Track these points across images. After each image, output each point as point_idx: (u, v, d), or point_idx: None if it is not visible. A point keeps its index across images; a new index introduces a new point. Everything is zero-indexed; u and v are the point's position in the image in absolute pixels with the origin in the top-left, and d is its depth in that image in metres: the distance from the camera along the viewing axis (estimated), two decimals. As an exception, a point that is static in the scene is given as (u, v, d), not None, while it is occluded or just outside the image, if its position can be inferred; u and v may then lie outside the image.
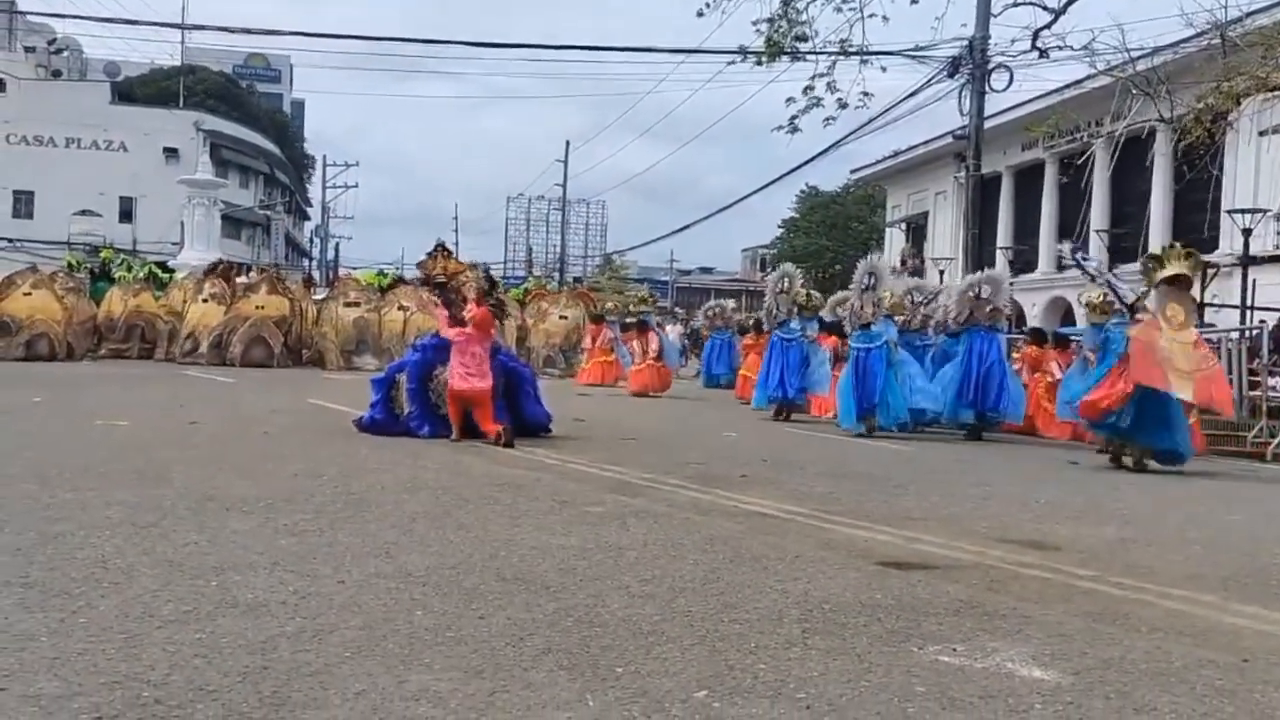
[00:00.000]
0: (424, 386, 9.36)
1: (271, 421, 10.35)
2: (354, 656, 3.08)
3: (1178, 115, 17.60)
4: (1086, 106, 26.17)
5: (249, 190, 58.35)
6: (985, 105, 21.29)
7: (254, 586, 3.84)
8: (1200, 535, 6.29)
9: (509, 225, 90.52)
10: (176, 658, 3.01)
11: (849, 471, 8.63)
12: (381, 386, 9.63)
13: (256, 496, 5.82)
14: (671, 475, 7.57)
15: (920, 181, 45.90)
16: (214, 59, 61.14)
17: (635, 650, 3.25)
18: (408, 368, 9.62)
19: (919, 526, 5.93)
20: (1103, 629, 3.79)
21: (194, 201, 35.81)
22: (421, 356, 9.60)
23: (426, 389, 9.35)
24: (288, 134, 69.36)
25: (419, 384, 9.37)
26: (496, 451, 8.62)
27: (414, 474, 7.08)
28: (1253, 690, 3.15)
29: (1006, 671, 3.20)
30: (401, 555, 4.48)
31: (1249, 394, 16.17)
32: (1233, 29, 16.24)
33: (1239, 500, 8.66)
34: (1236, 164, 26.92)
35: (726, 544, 5.09)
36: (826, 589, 4.21)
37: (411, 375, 9.44)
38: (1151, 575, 4.87)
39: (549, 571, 4.29)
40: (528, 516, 5.58)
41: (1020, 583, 4.54)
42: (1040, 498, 7.69)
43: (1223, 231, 26.36)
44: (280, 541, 4.67)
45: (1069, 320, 37.46)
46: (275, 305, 22.33)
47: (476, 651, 3.16)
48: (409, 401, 9.36)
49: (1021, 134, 32.36)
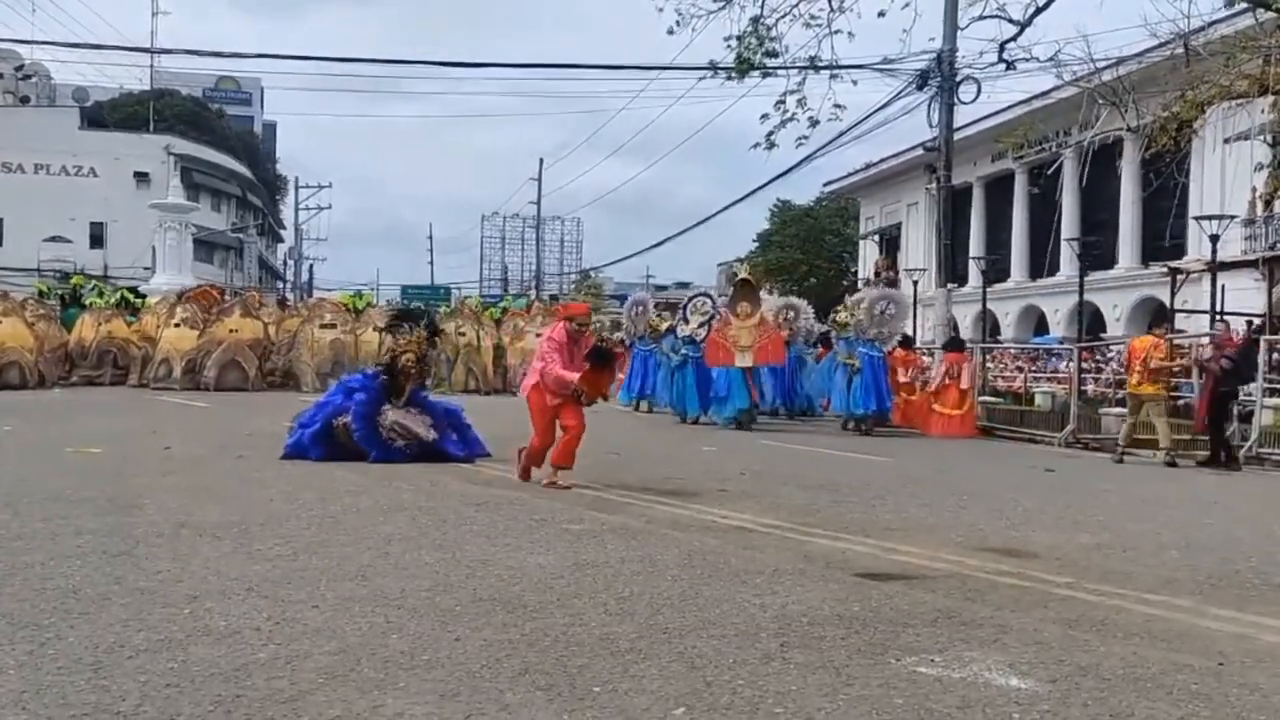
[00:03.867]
0: (374, 426, 9.18)
1: (246, 446, 10.26)
2: (328, 682, 3.04)
3: (1144, 124, 17.80)
4: (1054, 117, 26.46)
5: (221, 213, 58.06)
6: (954, 117, 21.46)
7: (227, 613, 3.79)
8: (1176, 540, 6.33)
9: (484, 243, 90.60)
10: (148, 688, 2.97)
11: (827, 483, 8.64)
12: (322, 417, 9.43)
13: (230, 522, 5.76)
14: (649, 491, 7.56)
15: (893, 193, 46.24)
16: (184, 83, 60.98)
17: (613, 669, 3.23)
18: (352, 410, 9.27)
19: (897, 537, 5.95)
20: (1079, 636, 3.80)
21: (165, 226, 35.58)
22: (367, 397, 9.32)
23: (378, 429, 9.18)
24: (259, 156, 69.09)
25: (368, 424, 9.15)
26: (473, 472, 8.58)
27: (391, 496, 7.03)
28: (1228, 693, 3.17)
29: (984, 681, 3.20)
30: (377, 578, 4.44)
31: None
32: (1195, 38, 16.46)
33: (1214, 504, 8.74)
34: (1203, 171, 27.29)
35: (705, 559, 5.08)
36: (805, 602, 4.21)
37: (357, 417, 9.19)
38: (1128, 581, 4.90)
39: (526, 591, 4.26)
40: (505, 536, 5.55)
41: (997, 591, 4.55)
42: (1017, 506, 7.73)
43: (1190, 237, 26.68)
44: (254, 567, 4.62)
45: (1043, 327, 37.80)
46: (250, 328, 22.19)
47: (452, 674, 3.13)
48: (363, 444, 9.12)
49: (991, 145, 32.66)
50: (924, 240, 40.61)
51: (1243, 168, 24.77)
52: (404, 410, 9.38)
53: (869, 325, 16.05)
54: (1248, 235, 26.95)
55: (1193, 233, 25.97)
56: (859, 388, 15.69)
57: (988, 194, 41.38)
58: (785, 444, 12.90)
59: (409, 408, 9.46)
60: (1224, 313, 23.01)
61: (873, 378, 15.66)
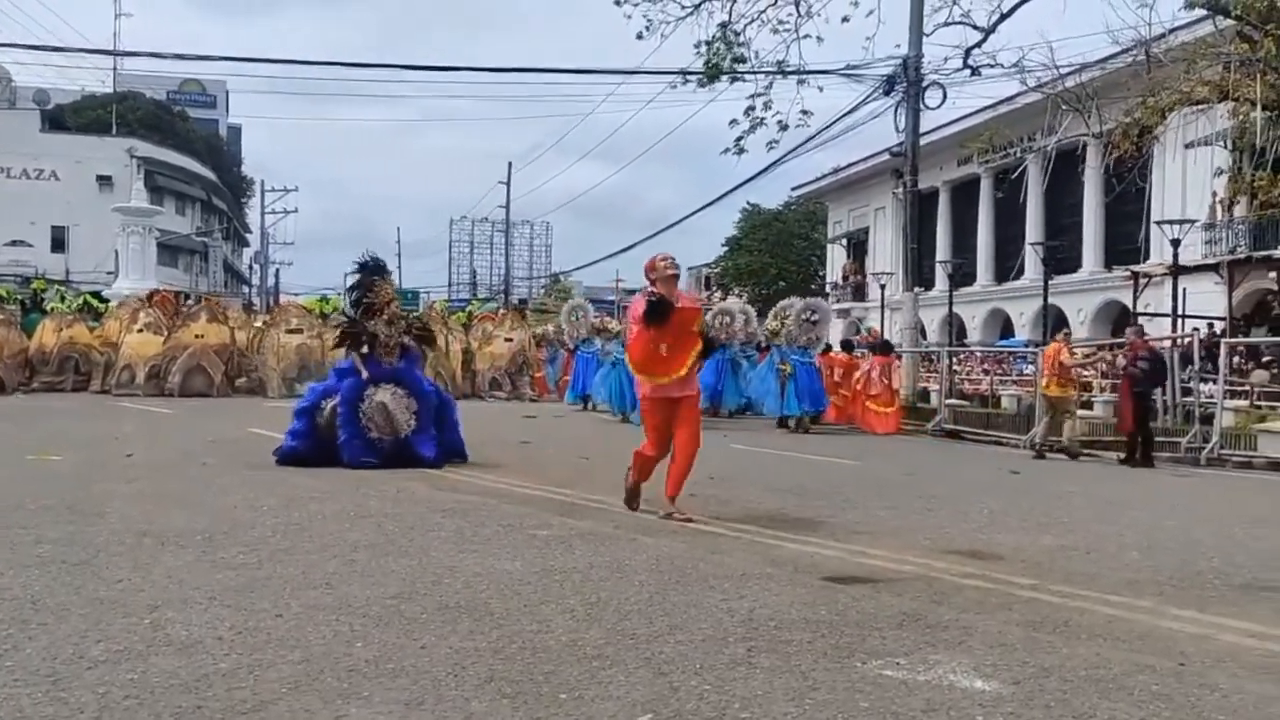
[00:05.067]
0: (355, 410, 9.07)
1: (211, 452, 10.15)
2: (291, 692, 3.01)
3: (1106, 130, 18.03)
4: (1019, 122, 26.77)
5: (186, 217, 57.50)
6: (920, 122, 21.64)
7: (189, 623, 3.74)
8: (1138, 541, 6.41)
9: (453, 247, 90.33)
10: (107, 699, 2.93)
11: (795, 487, 8.66)
12: (305, 414, 9.36)
13: (194, 530, 5.70)
14: (618, 496, 7.52)
15: (860, 197, 46.54)
16: (147, 85, 60.28)
17: (579, 675, 3.22)
18: (341, 392, 9.19)
19: (864, 540, 5.97)
20: (1043, 637, 3.83)
21: (128, 230, 35.19)
22: (354, 381, 9.29)
23: (357, 412, 9.06)
24: (224, 159, 68.49)
25: (350, 408, 9.09)
26: (440, 477, 8.53)
27: (357, 502, 6.97)
28: (1189, 693, 3.20)
29: (949, 683, 3.22)
30: (342, 586, 4.40)
31: (1182, 400, 16.57)
32: (1157, 45, 16.70)
33: (1175, 505, 8.85)
34: (1164, 176, 27.65)
35: (673, 564, 5.08)
36: (772, 606, 4.22)
37: (344, 399, 9.09)
38: (1091, 582, 4.95)
39: (493, 597, 4.24)
40: (472, 542, 5.52)
41: (963, 594, 4.58)
42: (983, 508, 7.79)
43: (1152, 242, 27.01)
44: (217, 575, 4.57)
45: (1009, 330, 38.17)
46: (215, 333, 21.98)
47: (417, 683, 3.11)
48: (341, 427, 9.06)
49: (957, 150, 32.99)
50: (891, 244, 40.92)
51: (1203, 173, 25.18)
52: (391, 390, 9.10)
53: (798, 333, 17.25)
54: (1208, 239, 27.37)
55: (1155, 237, 26.30)
56: (793, 392, 16.87)
57: (954, 198, 41.76)
58: (753, 448, 12.94)
59: (397, 388, 9.15)
60: (1185, 315, 23.37)
61: (807, 381, 16.85)
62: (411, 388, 9.30)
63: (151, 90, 61.02)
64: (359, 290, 9.65)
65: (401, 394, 9.16)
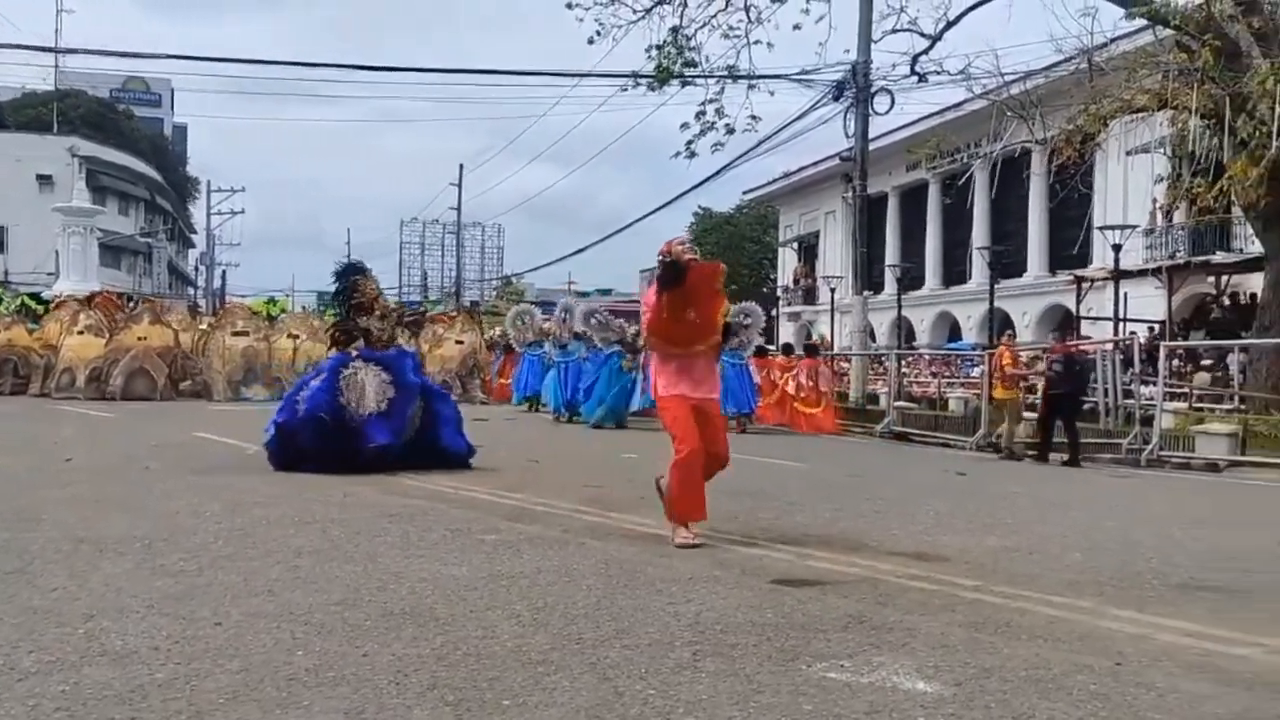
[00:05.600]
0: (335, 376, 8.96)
1: (154, 456, 9.96)
2: (228, 702, 2.95)
3: (1050, 136, 18.36)
4: (965, 129, 27.14)
5: (129, 217, 56.43)
6: (869, 128, 21.88)
7: (125, 633, 3.66)
8: (1080, 542, 6.52)
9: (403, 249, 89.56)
10: (37, 712, 2.85)
11: (745, 490, 8.68)
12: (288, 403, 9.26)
13: (133, 536, 5.58)
14: (568, 499, 7.52)
15: (811, 201, 46.88)
16: (90, 83, 58.99)
17: (524, 681, 3.19)
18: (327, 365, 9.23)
19: (812, 542, 6.01)
20: (985, 638, 3.87)
21: (69, 230, 34.52)
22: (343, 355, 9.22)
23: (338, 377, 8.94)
24: (169, 159, 67.28)
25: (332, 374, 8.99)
26: (389, 481, 8.44)
27: (302, 507, 6.88)
28: (1125, 692, 3.26)
29: (892, 685, 3.25)
30: (285, 593, 4.33)
31: (1123, 402, 16.91)
32: (1099, 54, 17.03)
33: (1116, 506, 9.02)
34: (1106, 183, 28.21)
35: (622, 568, 5.07)
36: (719, 610, 4.22)
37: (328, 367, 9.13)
38: (1033, 583, 5.02)
39: (438, 603, 4.20)
40: (419, 547, 5.47)
41: (908, 595, 4.63)
42: (929, 510, 7.87)
43: (1095, 247, 27.54)
44: (156, 583, 4.48)
45: (956, 334, 38.66)
46: (159, 335, 21.60)
47: (358, 691, 3.07)
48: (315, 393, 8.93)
49: (906, 155, 33.30)
50: (841, 248, 41.26)
51: (1144, 179, 25.73)
52: (376, 372, 9.03)
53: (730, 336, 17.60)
54: (1149, 245, 27.94)
55: (1097, 242, 26.81)
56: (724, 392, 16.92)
57: (903, 203, 42.21)
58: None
59: (384, 372, 9.08)
60: (1127, 319, 23.84)
61: (737, 382, 17.00)
62: (397, 377, 9.21)
63: (94, 88, 59.76)
64: (344, 294, 9.66)
65: (386, 379, 9.09)
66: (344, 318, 9.65)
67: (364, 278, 9.77)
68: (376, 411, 8.96)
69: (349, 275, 9.70)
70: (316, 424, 8.80)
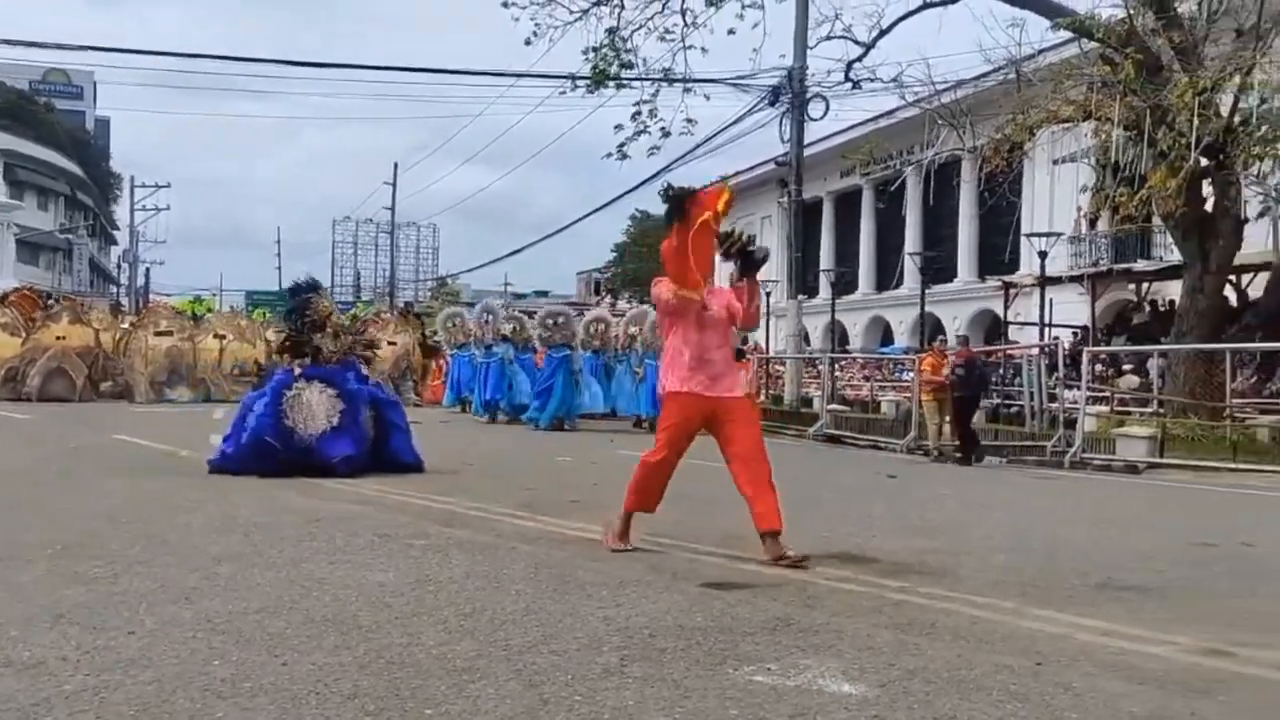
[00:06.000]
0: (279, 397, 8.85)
1: (71, 459, 9.67)
2: (138, 715, 2.86)
3: (979, 145, 18.70)
4: (898, 136, 27.55)
5: (48, 213, 54.88)
6: (805, 133, 22.09)
7: (32, 643, 3.53)
8: (1005, 543, 6.62)
9: (335, 248, 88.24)
10: (-66, 729, 2.73)
11: (680, 493, 8.63)
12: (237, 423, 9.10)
13: (45, 543, 5.40)
14: (500, 504, 7.45)
15: (746, 206, 47.11)
16: (8, 74, 57.08)
17: (448, 689, 3.14)
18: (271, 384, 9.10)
19: (744, 545, 6.01)
20: (909, 640, 3.91)
21: (-14, 225, 33.37)
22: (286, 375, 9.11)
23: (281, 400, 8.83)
24: (91, 153, 65.55)
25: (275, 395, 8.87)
26: (317, 485, 8.29)
27: (225, 512, 6.73)
28: (1044, 692, 3.30)
29: (817, 688, 3.25)
30: (203, 600, 4.22)
31: (1048, 405, 17.28)
32: (1026, 65, 17.39)
33: (1040, 507, 9.20)
34: (1033, 191, 28.84)
35: (552, 572, 5.03)
36: (649, 614, 4.21)
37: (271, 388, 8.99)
38: (958, 584, 5.08)
39: (362, 610, 4.12)
40: (344, 553, 5.37)
41: (835, 597, 4.65)
42: (860, 512, 7.95)
43: (1022, 253, 28.11)
44: (67, 591, 4.33)
45: (889, 338, 39.22)
46: (78, 335, 21.03)
47: (275, 702, 2.99)
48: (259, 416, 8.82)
49: (840, 161, 33.72)
50: (776, 252, 41.59)
51: (1070, 188, 26.34)
52: (320, 389, 8.94)
53: (653, 339, 18.12)
54: (1074, 252, 28.65)
55: (1024, 249, 27.38)
56: (645, 393, 17.90)
57: (837, 208, 42.73)
58: (639, 452, 12.93)
59: (327, 388, 9.00)
60: (1052, 324, 24.38)
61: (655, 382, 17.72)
62: (341, 389, 9.14)
63: (12, 79, 57.94)
64: (297, 312, 9.59)
65: (331, 394, 9.02)
66: (299, 330, 9.51)
67: (318, 295, 9.76)
68: (330, 428, 8.88)
69: (303, 293, 9.66)
70: (263, 448, 8.69)
